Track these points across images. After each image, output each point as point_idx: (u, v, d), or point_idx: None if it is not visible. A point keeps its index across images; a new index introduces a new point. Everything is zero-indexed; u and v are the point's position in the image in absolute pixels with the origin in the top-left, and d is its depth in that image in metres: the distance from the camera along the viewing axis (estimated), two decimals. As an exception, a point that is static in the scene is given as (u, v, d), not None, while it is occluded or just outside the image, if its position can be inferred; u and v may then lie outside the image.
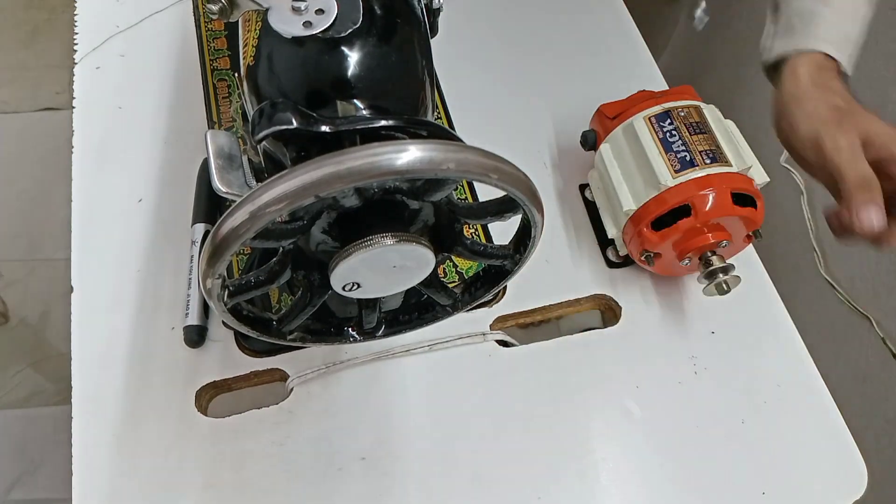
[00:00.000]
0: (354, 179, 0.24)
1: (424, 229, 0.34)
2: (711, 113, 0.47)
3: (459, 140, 0.30)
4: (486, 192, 0.50)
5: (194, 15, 0.61)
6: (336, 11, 0.31)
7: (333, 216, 0.31)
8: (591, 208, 0.53)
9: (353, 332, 0.40)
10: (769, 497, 0.43)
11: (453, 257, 0.42)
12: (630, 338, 0.48)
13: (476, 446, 0.44)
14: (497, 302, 0.49)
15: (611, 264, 0.51)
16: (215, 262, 0.27)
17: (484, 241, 0.51)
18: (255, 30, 0.34)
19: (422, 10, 0.38)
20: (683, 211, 0.43)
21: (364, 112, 0.31)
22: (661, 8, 0.87)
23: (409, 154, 0.24)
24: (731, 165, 0.43)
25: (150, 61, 0.59)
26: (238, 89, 0.56)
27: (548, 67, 0.62)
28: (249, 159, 0.33)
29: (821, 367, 0.48)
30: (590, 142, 0.51)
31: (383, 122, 0.30)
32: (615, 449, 0.44)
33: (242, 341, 0.46)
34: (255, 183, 0.31)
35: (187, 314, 0.46)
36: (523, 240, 0.35)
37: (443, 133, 0.31)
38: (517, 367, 0.46)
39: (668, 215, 0.44)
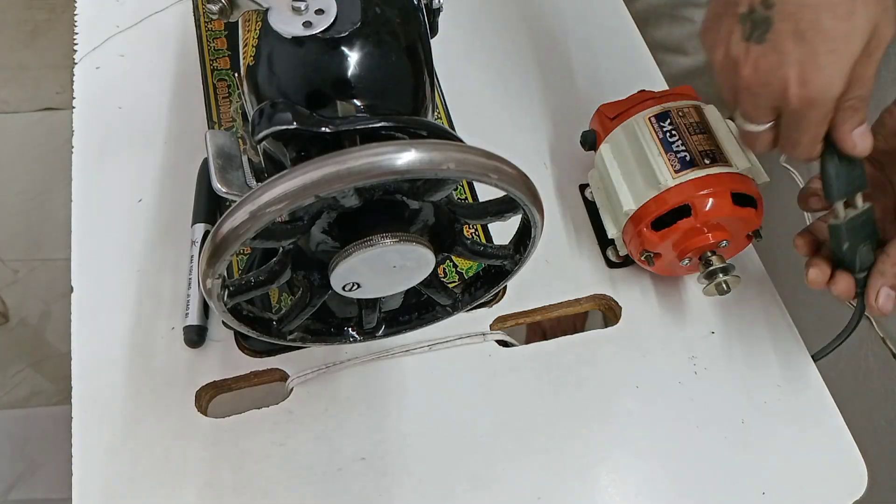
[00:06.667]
0: (354, 179, 0.24)
1: (424, 229, 0.35)
2: (711, 113, 0.47)
3: (459, 140, 0.30)
4: (486, 192, 0.50)
5: (194, 15, 0.61)
6: (336, 11, 0.31)
7: (333, 216, 0.31)
8: (591, 208, 0.53)
9: (353, 332, 0.40)
10: (769, 497, 0.43)
11: (453, 257, 0.42)
12: (630, 338, 0.48)
13: (476, 446, 0.44)
14: (497, 302, 0.49)
15: (611, 264, 0.51)
16: (215, 262, 0.27)
17: (484, 241, 0.51)
18: (255, 30, 0.34)
19: (422, 10, 0.38)
20: (683, 211, 0.43)
21: (364, 112, 0.31)
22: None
23: (410, 154, 0.24)
24: (731, 165, 0.43)
25: (150, 61, 0.59)
26: (238, 89, 0.56)
27: (548, 67, 0.62)
28: (249, 159, 0.33)
29: (821, 367, 0.48)
30: (590, 142, 0.51)
31: (383, 123, 0.30)
32: (615, 449, 0.44)
33: (242, 341, 0.46)
34: (255, 183, 0.32)
35: (187, 314, 0.46)
36: (523, 240, 0.35)
37: (443, 133, 0.32)
38: (517, 367, 0.46)
39: (668, 215, 0.44)
